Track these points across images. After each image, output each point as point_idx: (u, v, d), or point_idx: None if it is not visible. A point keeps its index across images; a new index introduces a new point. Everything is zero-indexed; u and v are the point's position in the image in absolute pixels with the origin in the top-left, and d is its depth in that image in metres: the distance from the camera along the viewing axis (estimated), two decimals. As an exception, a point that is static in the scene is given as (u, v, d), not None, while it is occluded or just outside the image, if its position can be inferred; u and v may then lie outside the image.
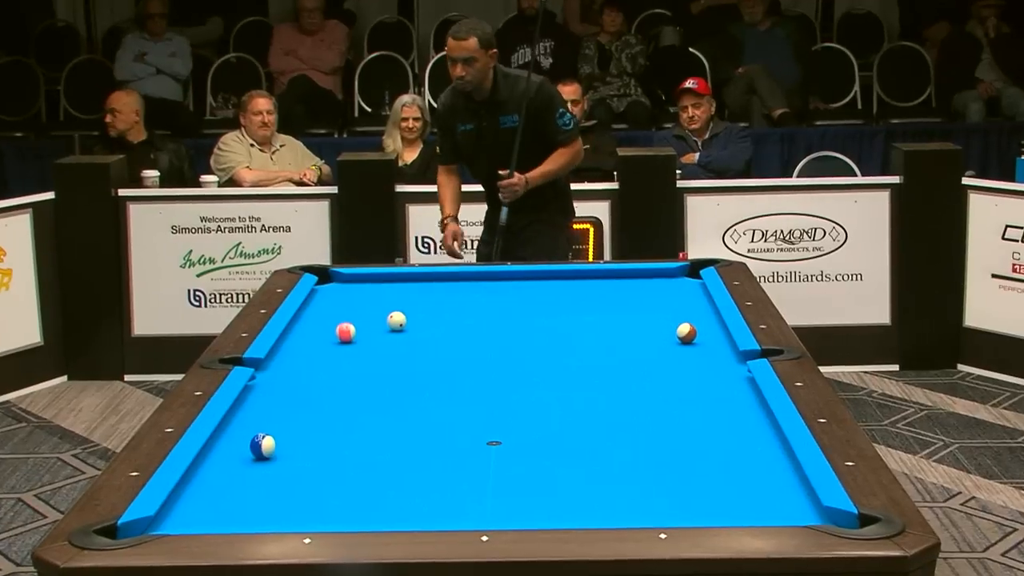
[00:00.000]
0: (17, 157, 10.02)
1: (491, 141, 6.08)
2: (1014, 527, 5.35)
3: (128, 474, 3.24)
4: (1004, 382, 7.12)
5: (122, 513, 2.99)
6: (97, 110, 9.62)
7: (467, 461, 3.43)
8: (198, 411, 3.72)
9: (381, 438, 3.65)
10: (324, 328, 4.69)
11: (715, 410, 3.79)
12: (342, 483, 3.32)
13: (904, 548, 2.78)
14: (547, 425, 3.70)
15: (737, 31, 10.77)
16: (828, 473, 3.14)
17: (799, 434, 3.42)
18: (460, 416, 3.80)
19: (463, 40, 5.91)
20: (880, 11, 11.88)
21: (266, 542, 2.88)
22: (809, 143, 9.80)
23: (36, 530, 5.43)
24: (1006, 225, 7.12)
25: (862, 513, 2.92)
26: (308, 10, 10.64)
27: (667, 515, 2.98)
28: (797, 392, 3.75)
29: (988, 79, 10.58)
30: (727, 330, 4.49)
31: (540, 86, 6.08)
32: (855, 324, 7.29)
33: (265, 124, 8.08)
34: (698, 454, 3.44)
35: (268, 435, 3.47)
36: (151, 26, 10.45)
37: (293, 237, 7.41)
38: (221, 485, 3.31)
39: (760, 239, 7.32)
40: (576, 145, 6.17)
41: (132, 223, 7.38)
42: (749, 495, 3.16)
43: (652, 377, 4.14)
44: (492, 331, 4.73)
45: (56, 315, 7.30)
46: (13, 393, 7.12)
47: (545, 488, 3.24)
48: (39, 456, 6.29)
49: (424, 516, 3.05)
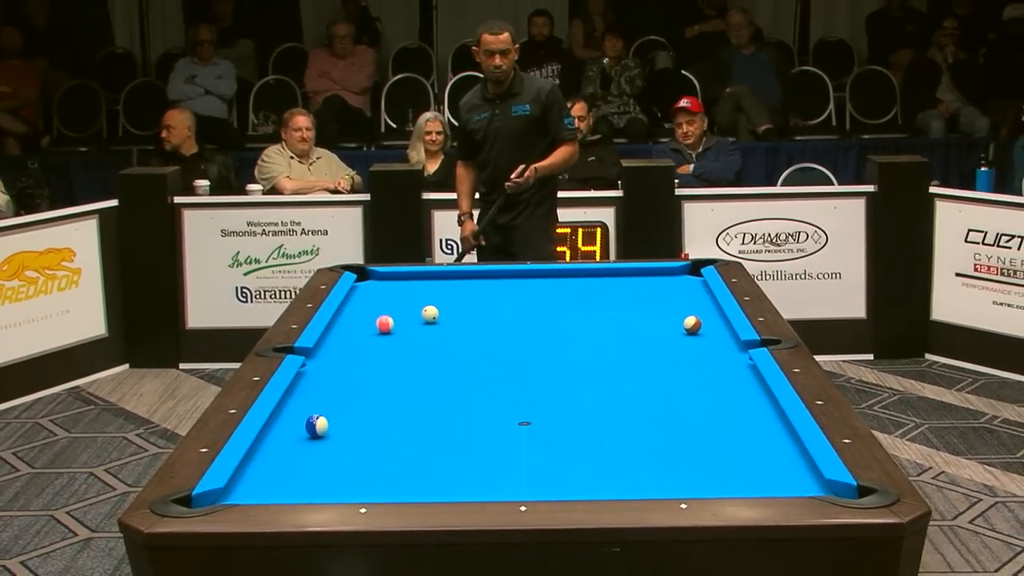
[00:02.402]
0: (82, 169, 9.99)
1: (502, 125, 6.18)
2: (979, 498, 5.34)
3: (199, 450, 3.23)
4: (967, 369, 7.09)
5: (195, 485, 2.98)
6: (152, 127, 9.61)
7: (501, 439, 3.42)
8: (257, 394, 3.70)
9: (422, 419, 3.63)
10: (365, 321, 4.67)
11: (722, 394, 3.77)
12: (389, 459, 3.30)
13: (899, 516, 2.76)
14: (571, 407, 3.68)
15: (725, 55, 10.73)
16: (828, 449, 3.13)
17: (799, 415, 3.40)
18: (492, 399, 3.78)
19: (499, 34, 6.14)
20: (850, 38, 11.84)
21: (325, 511, 2.87)
22: (790, 155, 9.76)
23: (107, 500, 5.43)
24: (968, 229, 7.10)
25: (860, 485, 2.91)
26: (340, 36, 10.63)
27: (686, 487, 2.97)
28: (795, 377, 3.73)
29: (948, 99, 10.54)
30: (728, 322, 4.47)
31: (554, 86, 6.36)
32: (834, 318, 7.26)
33: (304, 139, 8.08)
34: (710, 433, 3.42)
35: (322, 416, 3.45)
36: (200, 52, 10.42)
37: (330, 239, 7.39)
38: (281, 461, 3.29)
39: (750, 241, 7.30)
40: (575, 146, 6.30)
41: (186, 227, 7.36)
42: (757, 469, 3.14)
43: (663, 364, 4.11)
44: (516, 323, 4.71)
45: (119, 309, 7.29)
46: (81, 379, 7.11)
47: (573, 463, 3.23)
48: (107, 435, 6.28)
49: (466, 488, 3.04)
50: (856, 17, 11.96)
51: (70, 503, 5.41)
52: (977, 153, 9.51)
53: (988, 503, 5.28)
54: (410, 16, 12.20)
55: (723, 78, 10.52)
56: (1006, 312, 6.96)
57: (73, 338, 7.11)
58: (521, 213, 6.20)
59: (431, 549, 2.75)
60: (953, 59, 10.77)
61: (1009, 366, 6.95)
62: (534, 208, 6.21)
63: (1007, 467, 5.68)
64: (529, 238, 6.18)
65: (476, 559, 2.77)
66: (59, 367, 7.02)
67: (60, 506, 5.38)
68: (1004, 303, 6.96)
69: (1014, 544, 4.88)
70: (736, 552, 2.77)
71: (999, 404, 6.55)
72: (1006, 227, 6.93)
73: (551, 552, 2.76)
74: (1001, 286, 6.96)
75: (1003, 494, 5.37)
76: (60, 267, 7.01)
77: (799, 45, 11.99)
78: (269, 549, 2.77)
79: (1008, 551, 4.82)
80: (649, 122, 10.34)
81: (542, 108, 6.13)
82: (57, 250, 7.00)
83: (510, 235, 6.22)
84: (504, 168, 6.15)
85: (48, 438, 6.25)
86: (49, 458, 5.97)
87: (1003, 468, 5.66)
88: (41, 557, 4.87)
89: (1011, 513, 5.17)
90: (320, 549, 2.76)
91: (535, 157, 6.11)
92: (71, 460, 5.93)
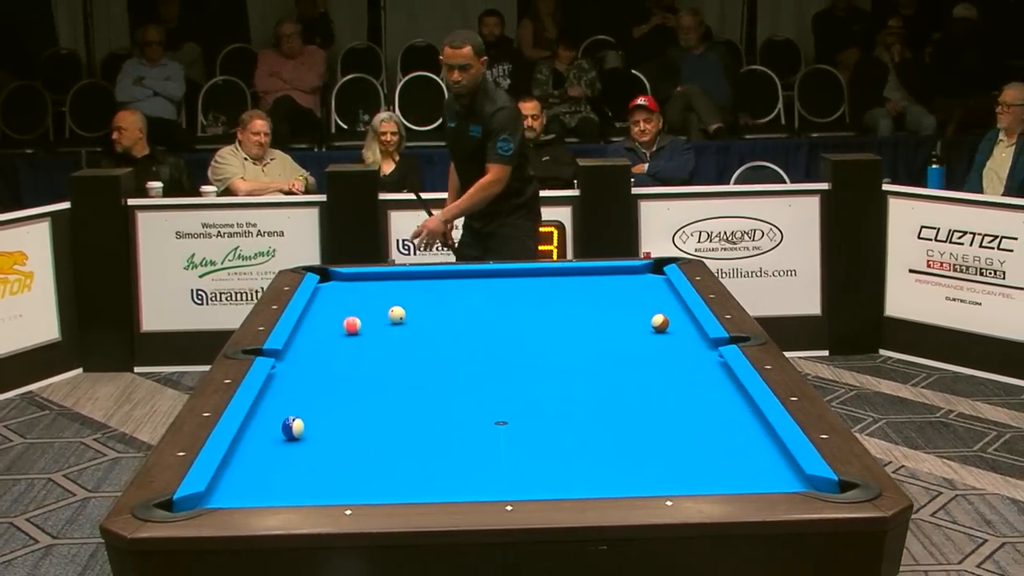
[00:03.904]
0: (29, 171, 9.86)
1: (462, 142, 6.09)
2: (940, 491, 5.40)
3: (176, 454, 3.20)
4: (921, 364, 7.17)
5: (176, 489, 2.95)
6: (100, 128, 9.52)
7: (479, 439, 3.41)
8: (230, 397, 3.67)
9: (397, 420, 3.61)
10: (332, 322, 4.64)
11: (696, 391, 3.78)
12: (368, 460, 3.29)
13: (883, 510, 2.79)
14: (547, 406, 3.68)
15: (675, 55, 10.79)
16: (807, 445, 3.15)
17: (775, 411, 3.42)
18: (466, 399, 3.77)
19: (459, 48, 5.89)
20: (797, 38, 11.95)
21: (312, 514, 2.85)
22: (741, 154, 9.83)
23: (67, 506, 5.36)
24: (921, 226, 7.17)
25: (842, 480, 2.93)
26: (288, 36, 10.57)
27: (669, 484, 2.98)
28: (768, 374, 3.76)
29: (895, 98, 10.66)
30: (696, 320, 4.49)
31: (500, 110, 5.93)
32: (790, 315, 7.29)
33: (262, 143, 8.07)
34: (687, 430, 3.43)
35: (298, 418, 3.43)
36: (148, 53, 10.33)
37: (286, 241, 7.34)
38: (260, 463, 3.27)
39: (706, 240, 7.33)
40: (496, 171, 5.94)
41: (140, 229, 7.28)
42: (738, 466, 3.16)
43: (634, 362, 4.12)
44: (483, 323, 4.70)
45: (72, 313, 7.20)
46: (35, 384, 7.01)
47: (554, 462, 3.23)
48: (64, 440, 6.20)
49: (448, 489, 3.03)
50: (802, 17, 12.08)
51: (29, 510, 5.33)
52: (924, 151, 9.64)
53: (948, 496, 5.34)
54: (358, 16, 12.16)
55: (673, 77, 10.58)
56: (959, 308, 7.04)
57: (26, 342, 7.01)
58: (494, 220, 6.11)
59: (420, 550, 2.75)
60: (899, 58, 10.90)
61: (962, 361, 7.03)
62: (507, 215, 6.10)
63: (965, 460, 5.75)
64: (508, 244, 6.07)
65: (464, 559, 2.77)
66: (12, 372, 6.92)
67: (19, 513, 5.30)
68: (957, 299, 7.05)
69: (976, 536, 4.94)
70: (722, 548, 2.79)
71: (954, 398, 6.63)
72: (958, 224, 7.02)
73: (538, 551, 2.77)
74: (954, 282, 7.05)
75: (962, 487, 5.44)
76: (12, 271, 6.92)
77: (747, 45, 12.09)
78: (256, 553, 2.75)
79: (970, 543, 4.88)
80: (600, 121, 10.37)
81: (484, 132, 5.92)
82: (9, 253, 6.91)
83: (487, 242, 6.12)
84: (464, 180, 6.11)
85: (3, 444, 6.16)
86: (5, 464, 5.89)
87: (961, 461, 5.73)
88: (2, 565, 4.80)
89: (971, 506, 5.24)
90: (308, 552, 2.75)
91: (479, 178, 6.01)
92: (28, 466, 5.85)
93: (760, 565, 2.80)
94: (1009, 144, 7.77)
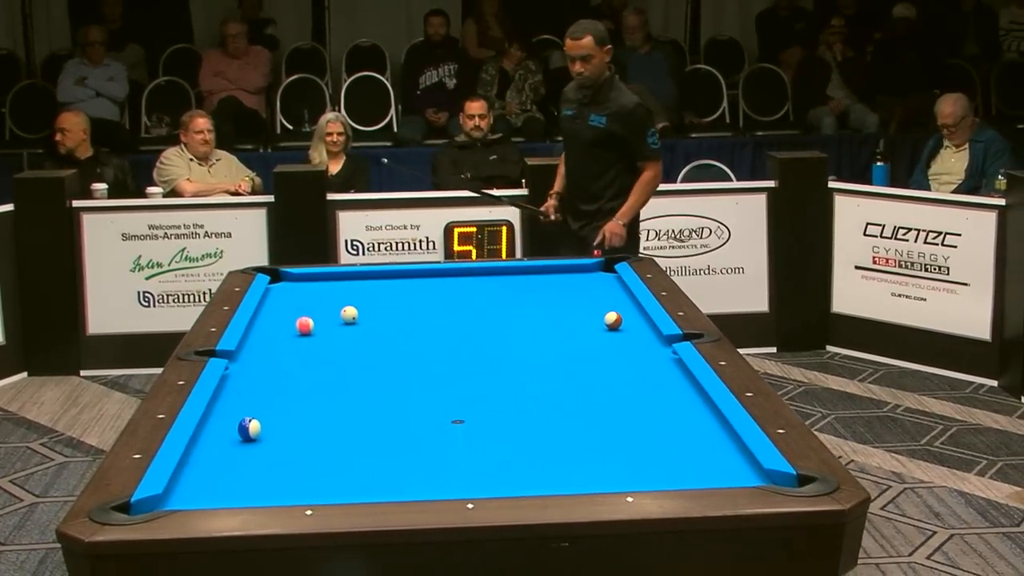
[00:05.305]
0: (-32, 174, 9.73)
1: (579, 130, 6.05)
2: (889, 485, 5.46)
3: (131, 456, 3.17)
4: (868, 360, 7.24)
5: (133, 492, 2.93)
6: (41, 129, 9.42)
7: (437, 438, 3.41)
8: (184, 398, 3.65)
9: (354, 419, 3.61)
10: (283, 322, 4.63)
11: (652, 388, 3.80)
12: (326, 460, 3.28)
13: (841, 503, 2.82)
14: (504, 405, 3.68)
15: (620, 55, 10.76)
16: (764, 440, 3.17)
17: (731, 407, 3.45)
18: (421, 398, 3.77)
19: (579, 39, 5.91)
20: (741, 37, 12.03)
21: (272, 515, 2.84)
22: (687, 152, 9.88)
23: (15, 512, 5.28)
24: (867, 223, 7.24)
25: (800, 474, 2.95)
26: (232, 36, 10.49)
27: (629, 481, 2.99)
28: (723, 370, 3.78)
29: (838, 97, 10.76)
30: (649, 317, 4.51)
31: (638, 105, 5.99)
32: (738, 312, 7.29)
33: (206, 141, 7.98)
34: (646, 427, 3.45)
35: (254, 419, 3.41)
36: (90, 53, 10.21)
37: (234, 242, 7.28)
38: (217, 465, 3.25)
39: (654, 238, 7.35)
40: (654, 167, 6.04)
41: (85, 232, 7.20)
42: (697, 461, 3.18)
43: (589, 360, 4.13)
44: (436, 322, 4.70)
45: (16, 316, 7.10)
46: (-23, 389, 6.94)
47: (512, 460, 3.23)
48: (9, 445, 6.12)
49: (408, 488, 3.03)
50: (745, 16, 12.16)
51: (-24, 516, 5.27)
52: (867, 148, 9.72)
53: (897, 489, 5.40)
54: (302, 16, 12.10)
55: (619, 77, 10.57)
56: (904, 303, 7.12)
57: (-32, 346, 6.93)
58: (592, 222, 6.05)
59: (381, 549, 2.74)
60: (842, 57, 11.01)
61: (908, 356, 7.10)
62: (605, 217, 6.01)
63: (913, 454, 5.81)
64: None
65: (426, 558, 2.76)
66: (-44, 377, 6.84)
67: (-34, 519, 5.24)
68: (902, 295, 7.12)
69: (924, 528, 5.00)
70: (683, 543, 2.81)
71: (900, 393, 6.70)
72: (903, 220, 7.09)
73: (500, 549, 2.77)
74: (899, 278, 7.12)
75: (911, 480, 5.50)
76: (-46, 274, 6.83)
77: (691, 44, 12.14)
78: (216, 555, 2.73)
79: (920, 535, 4.93)
80: (546, 120, 10.38)
81: (622, 126, 5.91)
82: (-49, 257, 6.83)
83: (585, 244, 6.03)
84: (574, 173, 6.09)
85: (-52, 450, 6.08)
86: (-50, 470, 5.81)
87: (909, 455, 5.80)
88: (-50, 572, 4.74)
89: (919, 499, 5.30)
90: (270, 552, 2.73)
91: (596, 168, 6.01)
92: (-26, 472, 5.78)
93: (721, 559, 2.82)
94: (959, 150, 7.83)
